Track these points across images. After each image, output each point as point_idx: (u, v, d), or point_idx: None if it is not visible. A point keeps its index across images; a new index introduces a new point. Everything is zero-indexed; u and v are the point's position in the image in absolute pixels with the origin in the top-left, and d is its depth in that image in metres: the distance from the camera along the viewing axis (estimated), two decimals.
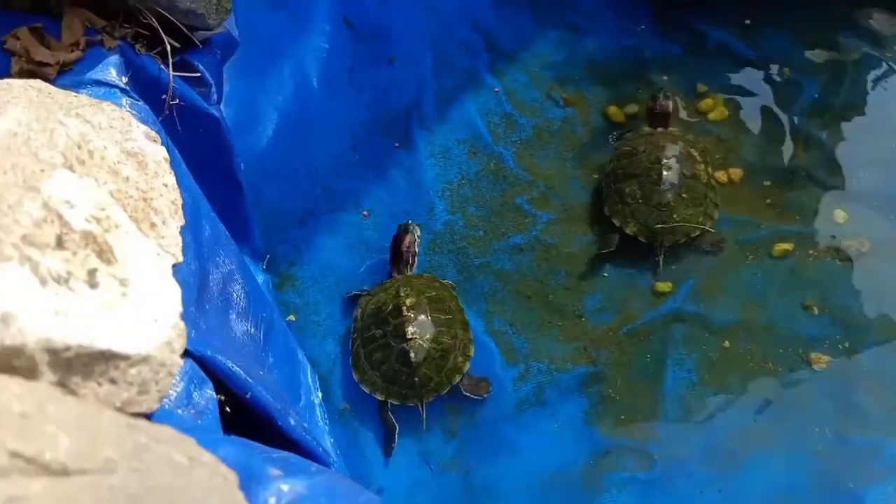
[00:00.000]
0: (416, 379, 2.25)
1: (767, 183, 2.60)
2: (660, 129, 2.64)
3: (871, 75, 2.82)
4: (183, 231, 1.50)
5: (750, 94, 2.80)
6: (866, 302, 2.36)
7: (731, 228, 2.52)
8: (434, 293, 2.38)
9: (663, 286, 2.44)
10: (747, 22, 2.95)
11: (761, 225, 2.52)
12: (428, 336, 2.28)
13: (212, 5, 1.90)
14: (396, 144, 2.77)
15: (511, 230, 2.60)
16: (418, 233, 2.50)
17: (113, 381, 1.05)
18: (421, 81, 2.90)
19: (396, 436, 2.28)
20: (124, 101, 1.62)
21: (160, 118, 1.74)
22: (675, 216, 2.42)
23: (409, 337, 2.26)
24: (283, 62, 2.80)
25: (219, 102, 2.04)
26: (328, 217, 2.64)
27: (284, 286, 2.54)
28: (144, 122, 1.61)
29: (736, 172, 2.61)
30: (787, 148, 2.68)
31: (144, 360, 1.08)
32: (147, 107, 1.68)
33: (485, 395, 2.31)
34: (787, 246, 2.46)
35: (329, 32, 2.91)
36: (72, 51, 1.62)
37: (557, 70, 2.93)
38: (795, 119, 2.73)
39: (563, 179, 2.68)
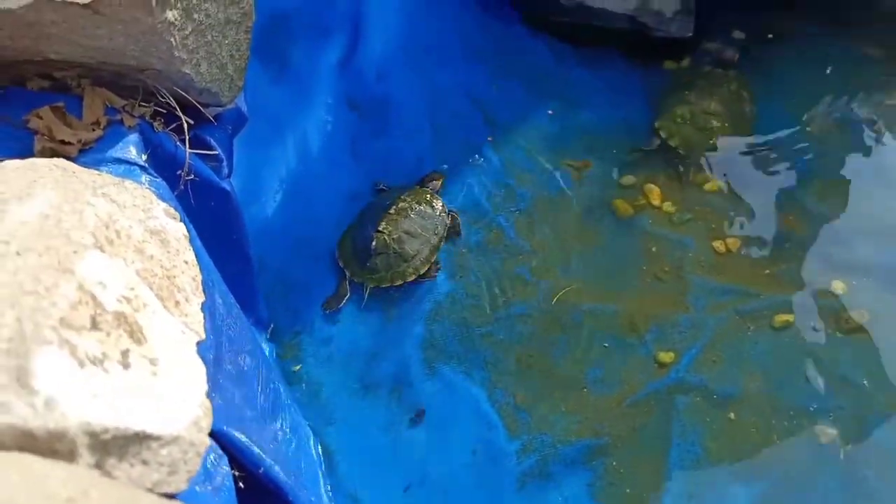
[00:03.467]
0: (368, 264, 2.58)
1: (765, 253, 2.64)
2: (719, 70, 3.12)
3: (865, 142, 2.89)
4: (203, 307, 1.51)
5: (745, 164, 2.86)
6: (869, 374, 2.37)
7: (731, 298, 2.55)
8: (430, 210, 2.67)
9: (665, 356, 2.45)
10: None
11: (761, 295, 2.55)
12: (396, 236, 2.58)
13: (225, 83, 1.94)
14: None
15: (512, 299, 2.62)
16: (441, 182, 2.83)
17: (145, 463, 1.05)
18: (420, 154, 2.96)
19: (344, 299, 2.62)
20: (144, 178, 1.64)
21: (175, 193, 1.77)
22: (711, 140, 2.92)
23: (380, 229, 2.59)
24: (286, 134, 2.85)
25: (229, 176, 2.07)
26: (332, 286, 2.65)
27: (288, 356, 2.54)
28: (163, 198, 1.63)
29: (733, 242, 2.66)
30: (783, 218, 2.73)
31: (175, 440, 1.08)
32: (164, 183, 1.70)
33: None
34: (788, 317, 2.48)
35: (331, 106, 2.97)
36: (93, 129, 1.64)
37: (553, 142, 3.00)
38: (790, 188, 2.79)
39: (562, 249, 2.72)
